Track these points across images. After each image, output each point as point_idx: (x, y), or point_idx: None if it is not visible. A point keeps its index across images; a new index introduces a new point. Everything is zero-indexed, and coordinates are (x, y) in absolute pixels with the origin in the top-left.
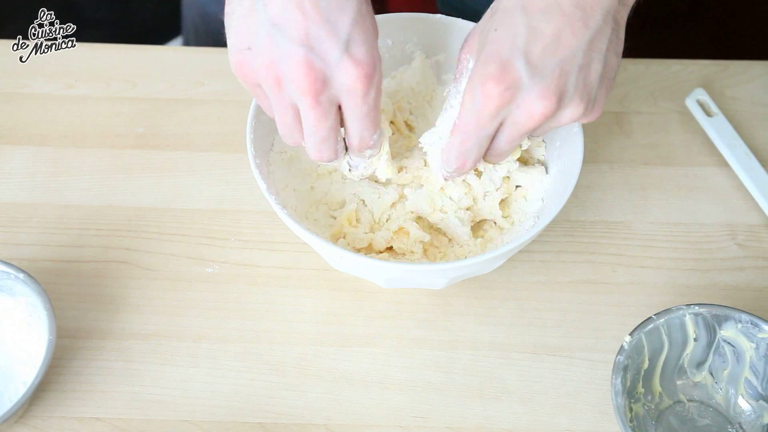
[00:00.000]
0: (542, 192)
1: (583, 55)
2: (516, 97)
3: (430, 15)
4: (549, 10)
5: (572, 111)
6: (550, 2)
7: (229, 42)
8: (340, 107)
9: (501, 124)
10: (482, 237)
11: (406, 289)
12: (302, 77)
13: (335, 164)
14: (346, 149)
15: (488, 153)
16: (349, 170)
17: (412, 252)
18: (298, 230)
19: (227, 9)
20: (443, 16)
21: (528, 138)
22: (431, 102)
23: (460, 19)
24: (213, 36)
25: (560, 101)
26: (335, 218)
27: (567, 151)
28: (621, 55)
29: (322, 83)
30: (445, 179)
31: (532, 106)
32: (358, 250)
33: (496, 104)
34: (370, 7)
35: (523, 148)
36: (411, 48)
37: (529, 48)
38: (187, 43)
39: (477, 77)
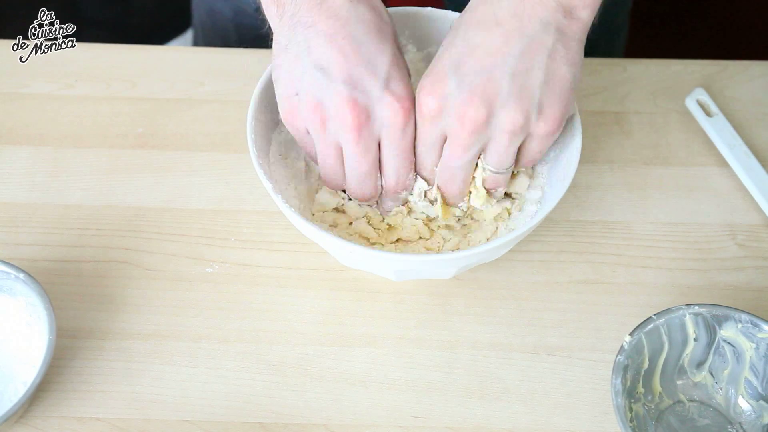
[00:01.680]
0: (541, 182)
1: (517, 62)
2: (447, 106)
3: (421, 9)
4: (484, 22)
5: (509, 116)
6: (488, 15)
7: (277, 93)
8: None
9: (445, 138)
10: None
11: (406, 289)
12: (347, 112)
13: (383, 209)
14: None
15: (440, 175)
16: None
17: (419, 238)
18: (308, 228)
19: (274, 63)
20: (434, 9)
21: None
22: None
23: (450, 12)
24: (220, 33)
25: (490, 106)
26: (338, 211)
27: (565, 137)
28: (577, 66)
29: (366, 117)
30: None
31: (459, 110)
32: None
33: (429, 112)
34: (401, 51)
35: (497, 195)
36: (403, 42)
37: (461, 60)
38: (195, 41)
39: (418, 89)
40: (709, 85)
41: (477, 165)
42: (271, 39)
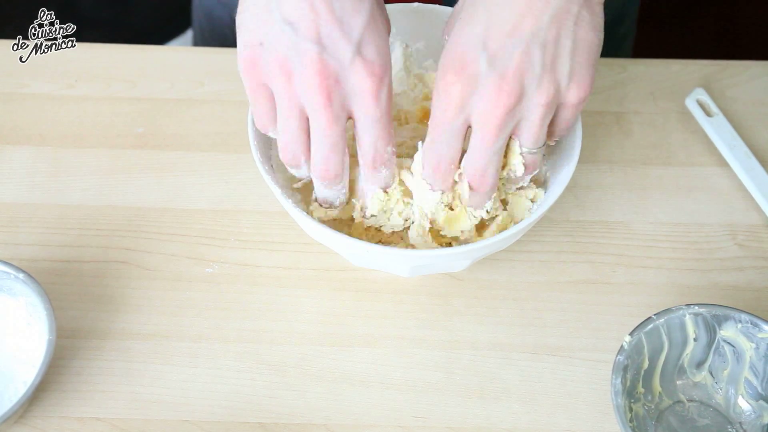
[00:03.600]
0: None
1: (546, 33)
2: (476, 88)
3: (408, 4)
4: None
5: (543, 89)
6: None
7: (239, 39)
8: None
9: (470, 124)
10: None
11: (406, 288)
12: (315, 75)
13: (336, 193)
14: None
15: (468, 169)
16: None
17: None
18: (320, 230)
19: (240, 8)
20: (421, 3)
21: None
22: (414, 88)
23: (438, 6)
24: (218, 39)
25: (523, 82)
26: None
27: (565, 137)
28: (601, 29)
29: (334, 81)
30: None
31: (492, 91)
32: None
33: (458, 96)
34: (383, 8)
35: (516, 185)
36: (391, 39)
37: (487, 35)
38: (195, 44)
39: (439, 70)
40: (709, 85)
41: (510, 149)
42: None
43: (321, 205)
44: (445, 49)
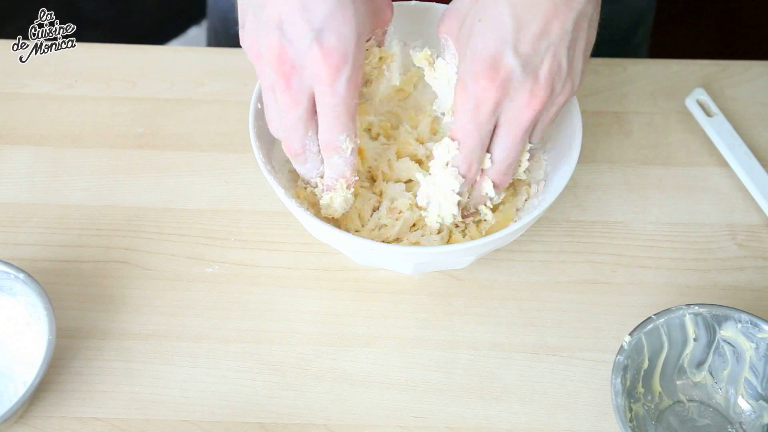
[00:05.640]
0: (542, 172)
1: (571, 37)
2: (509, 92)
3: (405, 2)
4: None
5: (566, 91)
6: None
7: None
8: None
9: (497, 126)
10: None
11: (406, 288)
12: (274, 60)
13: (308, 171)
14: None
15: (494, 167)
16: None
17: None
18: (324, 230)
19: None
20: (418, 2)
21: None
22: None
23: (435, 3)
24: (233, 41)
25: (554, 85)
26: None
27: (565, 137)
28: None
29: (291, 67)
30: (463, 213)
31: (528, 95)
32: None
33: (492, 101)
34: (364, 2)
35: (521, 170)
36: (389, 37)
37: (518, 39)
38: (209, 45)
39: (468, 75)
40: (709, 85)
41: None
42: None
43: (305, 187)
44: (471, 51)
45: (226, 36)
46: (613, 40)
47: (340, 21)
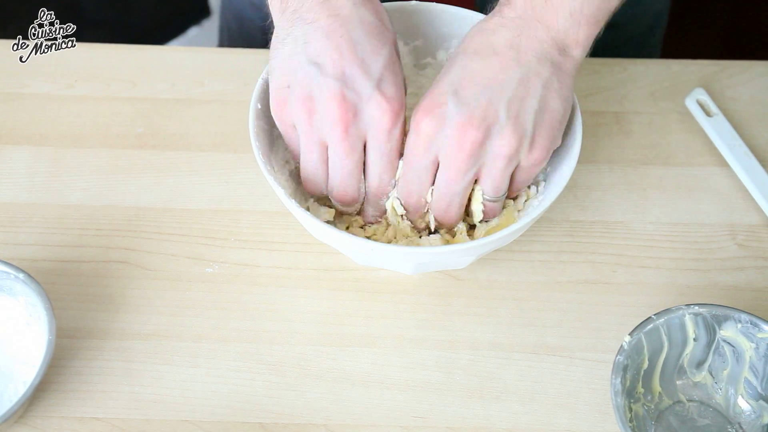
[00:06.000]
0: (542, 173)
1: (514, 90)
2: (443, 126)
3: (406, 3)
4: (481, 51)
5: (505, 140)
6: (485, 45)
7: (271, 85)
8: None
9: (439, 163)
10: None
11: (406, 288)
12: (335, 108)
13: (353, 208)
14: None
15: (432, 202)
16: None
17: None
18: (325, 230)
19: (270, 54)
20: (419, 2)
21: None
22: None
23: (434, 3)
24: (247, 39)
25: (487, 129)
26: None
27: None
28: (568, 102)
29: (353, 114)
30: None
31: (458, 132)
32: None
33: (425, 133)
34: (399, 56)
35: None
36: None
37: (460, 83)
38: (221, 44)
39: (414, 111)
40: (709, 85)
41: (473, 195)
42: (272, 33)
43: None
44: (423, 96)
45: (240, 34)
46: (633, 42)
47: (393, 73)
